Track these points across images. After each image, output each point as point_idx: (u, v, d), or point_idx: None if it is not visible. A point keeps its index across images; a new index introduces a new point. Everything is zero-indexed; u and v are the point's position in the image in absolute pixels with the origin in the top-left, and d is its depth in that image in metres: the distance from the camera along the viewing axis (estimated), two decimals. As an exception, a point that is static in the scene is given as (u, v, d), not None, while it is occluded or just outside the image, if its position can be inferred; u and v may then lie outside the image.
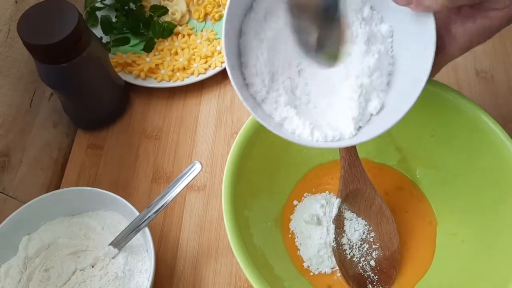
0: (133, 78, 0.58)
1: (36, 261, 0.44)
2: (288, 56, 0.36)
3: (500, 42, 0.61)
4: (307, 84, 0.37)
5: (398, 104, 0.35)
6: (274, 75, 0.36)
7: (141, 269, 0.44)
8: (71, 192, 0.45)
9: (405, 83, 0.35)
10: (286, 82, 0.36)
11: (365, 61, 0.36)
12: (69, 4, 0.45)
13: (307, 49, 0.35)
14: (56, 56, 0.45)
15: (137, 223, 0.43)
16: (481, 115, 0.43)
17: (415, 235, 0.47)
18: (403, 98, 0.34)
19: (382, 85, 0.36)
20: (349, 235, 0.45)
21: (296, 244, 0.47)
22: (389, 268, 0.44)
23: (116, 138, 0.56)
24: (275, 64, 0.36)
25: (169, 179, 0.53)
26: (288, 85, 0.36)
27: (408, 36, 0.35)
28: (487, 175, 0.44)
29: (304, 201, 0.49)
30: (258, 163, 0.46)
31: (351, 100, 0.35)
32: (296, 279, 0.44)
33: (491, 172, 0.43)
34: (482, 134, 0.43)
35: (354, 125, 0.35)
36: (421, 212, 0.48)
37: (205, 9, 0.64)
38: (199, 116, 0.58)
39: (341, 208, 0.45)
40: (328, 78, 0.37)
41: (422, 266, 0.45)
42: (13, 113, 0.48)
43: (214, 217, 0.51)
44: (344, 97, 0.36)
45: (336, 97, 0.36)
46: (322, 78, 0.37)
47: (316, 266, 0.45)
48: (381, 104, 0.36)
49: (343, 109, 0.36)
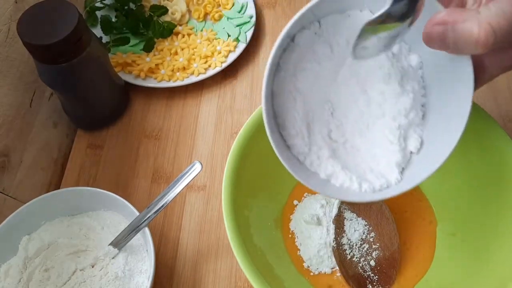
0: (133, 78, 0.58)
1: (36, 261, 0.44)
2: (320, 99, 0.35)
3: (500, 42, 0.61)
4: (341, 124, 0.36)
5: (438, 140, 0.34)
6: (310, 125, 0.35)
7: (141, 269, 0.44)
8: (71, 192, 0.45)
9: (443, 117, 0.34)
10: (323, 130, 0.35)
11: (400, 102, 0.34)
12: (69, 4, 0.45)
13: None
14: (56, 56, 0.45)
15: (137, 223, 0.43)
16: (481, 115, 0.43)
17: (415, 235, 0.47)
18: (443, 133, 0.33)
19: (417, 119, 0.35)
20: (349, 235, 0.45)
21: (296, 244, 0.47)
22: (389, 268, 0.44)
23: (116, 138, 0.56)
24: (309, 115, 0.35)
25: (169, 179, 0.53)
26: (325, 132, 0.35)
27: (439, 67, 0.34)
28: (487, 175, 0.44)
29: (304, 201, 0.49)
30: (258, 163, 0.46)
31: (391, 144, 0.35)
32: (296, 279, 0.44)
33: (490, 172, 0.43)
34: (482, 134, 0.43)
35: (398, 169, 0.35)
36: (421, 212, 0.48)
37: (205, 9, 0.64)
38: (199, 116, 0.58)
39: (341, 208, 0.45)
40: (360, 116, 0.35)
41: (422, 266, 0.45)
42: (13, 113, 0.48)
43: (214, 217, 0.51)
44: (381, 137, 0.35)
45: (372, 135, 0.35)
46: (354, 117, 0.35)
47: (316, 266, 0.45)
48: (420, 141, 0.35)
49: (383, 152, 0.35)
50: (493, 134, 0.42)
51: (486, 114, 0.43)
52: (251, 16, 0.62)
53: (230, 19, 0.63)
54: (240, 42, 0.60)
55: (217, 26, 0.63)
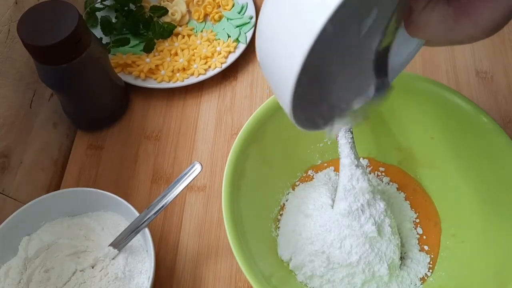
0: (133, 79, 0.58)
1: (36, 261, 0.44)
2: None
3: (500, 43, 0.61)
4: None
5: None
6: None
7: (141, 270, 0.44)
8: (71, 192, 0.45)
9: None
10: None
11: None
12: (69, 4, 0.45)
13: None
14: (56, 57, 0.45)
15: (137, 223, 0.43)
16: (481, 116, 0.43)
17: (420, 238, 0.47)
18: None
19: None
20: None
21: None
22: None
23: (116, 139, 0.56)
24: None
25: (169, 179, 0.53)
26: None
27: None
28: (487, 176, 0.44)
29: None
30: (258, 163, 0.46)
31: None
32: (296, 279, 0.44)
33: (491, 172, 0.43)
34: (482, 135, 0.43)
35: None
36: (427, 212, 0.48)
37: (205, 9, 0.64)
38: (199, 117, 0.58)
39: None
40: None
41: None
42: (13, 113, 0.48)
43: (214, 218, 0.51)
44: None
45: None
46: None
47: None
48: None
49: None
50: (493, 135, 0.42)
51: (486, 114, 0.43)
52: (251, 17, 0.62)
53: (230, 20, 0.63)
54: (240, 43, 0.60)
55: (217, 27, 0.63)
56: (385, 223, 0.43)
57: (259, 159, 0.46)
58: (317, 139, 0.50)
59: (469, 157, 0.45)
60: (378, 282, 0.43)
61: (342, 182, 0.42)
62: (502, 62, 0.60)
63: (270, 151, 0.47)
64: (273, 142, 0.47)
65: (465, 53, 0.61)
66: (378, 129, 0.49)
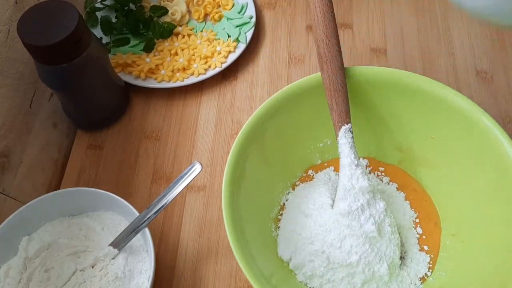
0: (133, 79, 0.58)
1: (36, 261, 0.44)
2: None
3: (500, 43, 0.61)
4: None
5: None
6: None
7: (141, 269, 0.44)
8: (71, 192, 0.45)
9: None
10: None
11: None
12: (69, 4, 0.45)
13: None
14: (56, 57, 0.45)
15: (137, 223, 0.43)
16: (481, 116, 0.43)
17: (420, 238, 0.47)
18: None
19: None
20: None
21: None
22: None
23: (116, 139, 0.56)
24: None
25: (169, 179, 0.53)
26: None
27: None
28: (487, 176, 0.44)
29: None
30: (259, 163, 0.46)
31: None
32: (296, 279, 0.44)
33: (491, 172, 0.43)
34: (482, 135, 0.43)
35: None
36: (427, 212, 0.48)
37: (205, 9, 0.64)
38: (199, 117, 0.58)
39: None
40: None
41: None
42: (13, 113, 0.48)
43: (214, 218, 0.51)
44: None
45: None
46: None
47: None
48: None
49: None
50: (493, 135, 0.42)
51: (486, 114, 0.43)
52: (251, 16, 0.62)
53: (230, 19, 0.63)
54: (240, 43, 0.60)
55: (217, 27, 0.63)
56: (385, 223, 0.43)
57: (259, 159, 0.46)
58: (317, 139, 0.50)
59: (469, 157, 0.45)
60: (378, 282, 0.43)
61: (342, 182, 0.42)
62: (502, 62, 0.60)
63: (270, 151, 0.47)
64: (273, 142, 0.47)
65: (465, 53, 0.61)
66: (378, 129, 0.49)
